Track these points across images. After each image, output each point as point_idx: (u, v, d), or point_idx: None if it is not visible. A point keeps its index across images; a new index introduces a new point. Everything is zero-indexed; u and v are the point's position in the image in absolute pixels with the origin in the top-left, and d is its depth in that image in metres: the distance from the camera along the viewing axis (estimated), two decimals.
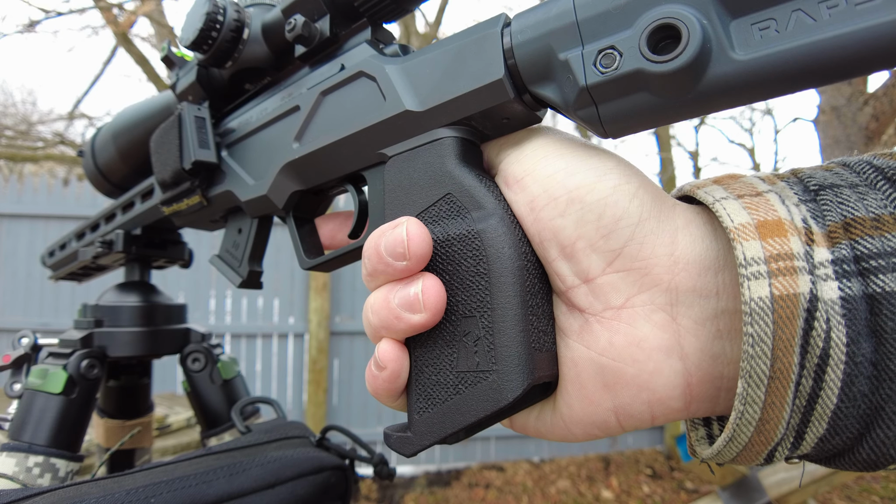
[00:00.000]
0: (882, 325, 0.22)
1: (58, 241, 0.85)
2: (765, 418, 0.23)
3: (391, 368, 0.29)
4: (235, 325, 3.53)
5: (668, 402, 0.26)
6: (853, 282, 0.22)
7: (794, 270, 0.22)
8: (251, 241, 0.51)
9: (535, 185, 0.28)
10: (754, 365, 0.22)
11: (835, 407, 0.23)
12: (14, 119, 7.40)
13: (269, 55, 0.46)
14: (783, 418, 0.23)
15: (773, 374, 0.22)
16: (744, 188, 0.26)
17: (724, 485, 2.13)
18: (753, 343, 0.22)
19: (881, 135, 3.16)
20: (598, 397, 0.27)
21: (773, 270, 0.22)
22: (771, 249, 0.23)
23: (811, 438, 0.24)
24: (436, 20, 5.16)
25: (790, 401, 0.23)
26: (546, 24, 0.27)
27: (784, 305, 0.22)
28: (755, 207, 0.24)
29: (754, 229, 0.23)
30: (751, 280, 0.22)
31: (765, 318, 0.22)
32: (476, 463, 3.71)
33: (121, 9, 4.54)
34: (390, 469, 0.61)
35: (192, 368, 0.71)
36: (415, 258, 0.28)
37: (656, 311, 0.26)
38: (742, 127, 14.02)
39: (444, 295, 0.28)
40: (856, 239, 0.23)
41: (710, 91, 0.23)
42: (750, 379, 0.23)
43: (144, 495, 0.43)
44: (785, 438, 0.24)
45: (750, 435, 0.24)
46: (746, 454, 0.25)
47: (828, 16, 0.21)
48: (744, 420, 0.23)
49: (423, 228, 0.29)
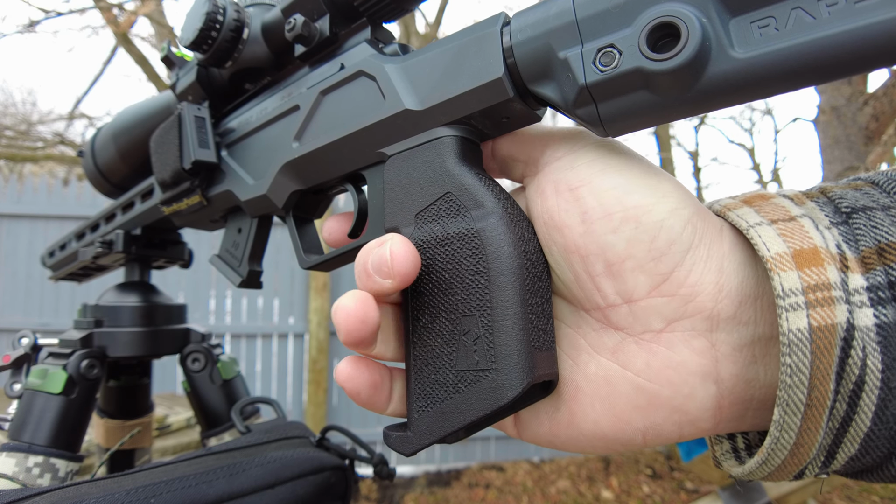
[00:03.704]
0: None
1: (58, 242, 0.85)
2: (799, 442, 0.24)
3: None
4: (235, 325, 3.53)
5: (697, 424, 0.26)
6: (888, 308, 0.22)
7: (832, 301, 0.22)
8: (251, 241, 0.51)
9: (590, 198, 0.27)
10: (792, 394, 0.23)
11: (868, 430, 0.23)
12: (14, 119, 7.41)
13: (268, 55, 0.46)
14: (816, 441, 0.24)
15: (810, 402, 0.23)
16: (776, 212, 0.26)
17: (724, 485, 2.13)
18: (791, 374, 0.22)
19: (881, 135, 3.16)
20: (629, 416, 0.27)
21: (811, 301, 0.22)
22: (808, 280, 0.23)
23: (842, 458, 0.24)
24: (436, 20, 5.16)
25: (824, 425, 0.23)
26: (545, 23, 0.27)
27: (822, 336, 0.22)
28: (790, 234, 0.24)
29: (791, 259, 0.23)
30: (789, 311, 0.22)
31: (803, 350, 0.22)
32: (476, 463, 3.71)
33: (121, 9, 4.54)
34: (390, 469, 0.61)
35: (192, 368, 0.71)
36: (399, 277, 0.28)
37: (696, 337, 0.26)
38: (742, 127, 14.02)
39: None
40: (890, 265, 0.23)
41: (709, 89, 0.23)
42: (787, 407, 0.23)
43: (144, 495, 0.43)
44: (816, 458, 0.24)
45: (784, 458, 0.24)
46: (778, 473, 0.26)
47: (827, 14, 0.21)
48: (779, 445, 0.24)
49: (407, 246, 0.28)
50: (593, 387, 0.28)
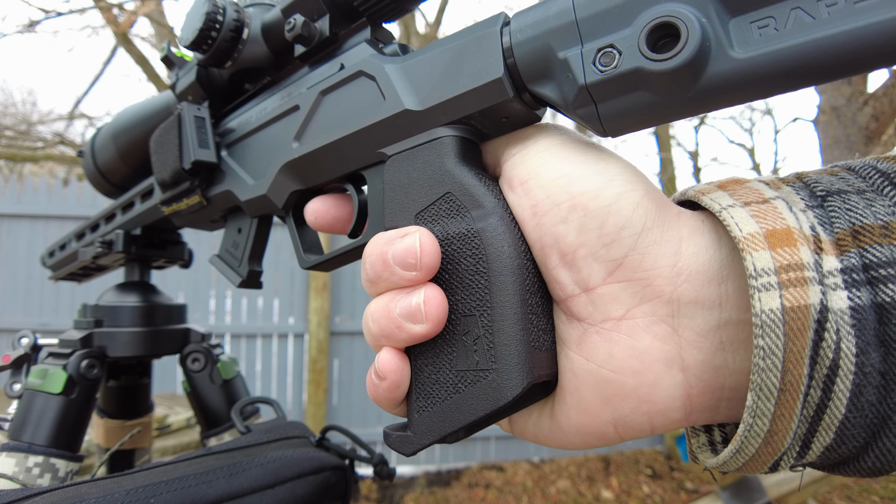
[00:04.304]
0: (891, 334, 0.21)
1: (58, 242, 0.85)
2: (773, 430, 0.23)
3: (391, 379, 0.29)
4: (235, 325, 3.53)
5: (667, 414, 0.26)
6: (862, 291, 0.22)
7: (805, 281, 0.22)
8: (251, 241, 0.51)
9: (538, 190, 0.27)
10: (765, 378, 0.22)
11: (843, 417, 0.22)
12: (14, 119, 7.40)
13: (268, 55, 0.46)
14: (791, 429, 0.23)
15: (783, 387, 0.22)
16: (750, 194, 0.25)
17: (724, 485, 2.13)
18: (764, 356, 0.22)
19: (881, 135, 3.16)
20: (596, 409, 0.27)
21: (784, 282, 0.22)
22: (781, 260, 0.22)
23: (817, 448, 0.24)
24: (436, 20, 5.16)
25: (798, 412, 0.23)
26: (545, 23, 0.27)
27: (795, 317, 0.22)
28: (763, 216, 0.24)
29: (763, 239, 0.23)
30: (761, 292, 0.22)
31: (776, 331, 0.22)
32: (476, 463, 3.71)
33: (121, 9, 4.54)
34: (390, 469, 0.61)
35: (191, 368, 0.71)
36: (426, 269, 0.28)
37: (657, 323, 0.25)
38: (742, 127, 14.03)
39: (445, 305, 0.28)
40: (864, 247, 0.22)
41: (709, 89, 0.23)
42: (760, 392, 0.22)
43: (144, 495, 0.43)
44: (791, 448, 0.24)
45: (758, 446, 0.24)
46: (752, 464, 0.25)
47: (826, 14, 0.21)
48: (752, 432, 0.23)
49: (433, 240, 0.28)
50: (563, 380, 0.28)
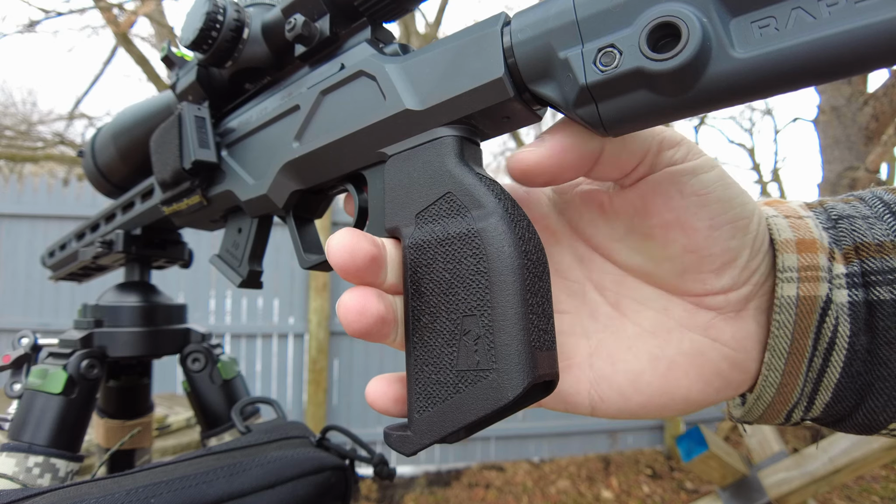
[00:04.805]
0: (876, 323, 0.30)
1: (58, 242, 0.85)
2: (783, 383, 0.31)
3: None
4: (235, 325, 3.53)
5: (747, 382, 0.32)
6: (859, 291, 0.30)
7: (818, 279, 0.30)
8: (251, 241, 0.51)
9: (716, 205, 0.30)
10: (777, 342, 0.30)
11: (837, 381, 0.30)
12: (14, 119, 7.40)
13: (268, 55, 0.46)
14: (798, 385, 0.31)
15: (792, 351, 0.30)
16: (790, 211, 0.33)
17: (724, 485, 2.13)
18: (779, 326, 0.30)
19: (881, 135, 3.16)
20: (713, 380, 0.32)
21: (802, 277, 0.30)
22: (803, 262, 0.30)
23: (819, 404, 0.31)
24: (436, 20, 5.16)
25: (804, 373, 0.31)
26: (546, 23, 0.27)
27: (805, 303, 0.30)
28: (797, 228, 0.31)
29: (794, 245, 0.30)
30: (784, 282, 0.30)
31: (789, 311, 0.30)
32: (476, 463, 3.71)
33: (121, 9, 4.54)
34: (390, 469, 0.61)
35: (192, 368, 0.71)
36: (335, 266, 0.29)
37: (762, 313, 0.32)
38: (742, 127, 14.01)
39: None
40: (863, 259, 0.30)
41: (710, 89, 0.23)
42: (773, 351, 0.31)
43: (144, 495, 0.43)
44: (800, 402, 0.32)
45: (773, 394, 0.31)
46: (770, 413, 0.33)
47: (827, 14, 0.21)
48: (767, 382, 0.31)
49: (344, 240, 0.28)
50: (689, 359, 0.32)
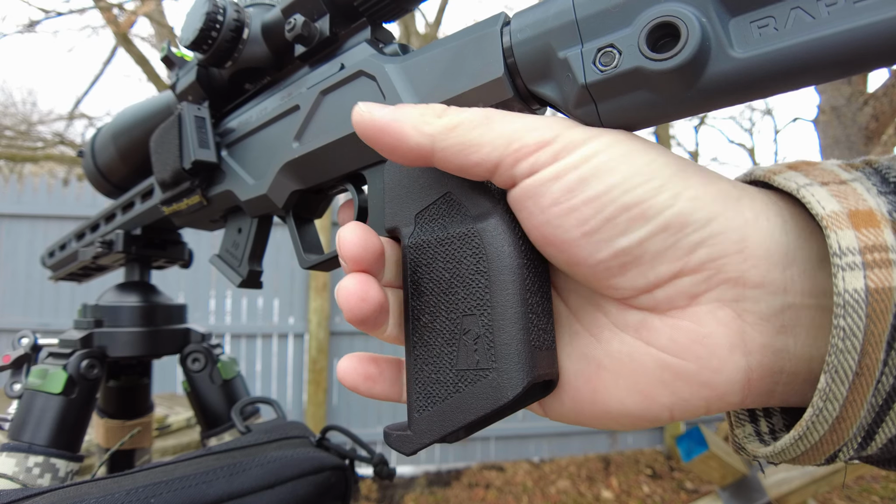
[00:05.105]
0: None
1: (58, 242, 0.85)
2: (842, 416, 0.22)
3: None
4: (235, 325, 3.53)
5: (726, 398, 0.25)
6: None
7: (890, 263, 0.21)
8: (251, 241, 0.51)
9: (586, 208, 0.25)
10: (842, 360, 0.21)
11: None
12: (14, 119, 7.40)
13: (268, 55, 0.46)
14: (859, 416, 0.22)
15: (860, 371, 0.21)
16: (826, 175, 0.25)
17: (724, 485, 2.13)
18: (844, 337, 0.21)
19: (881, 135, 3.17)
20: (655, 393, 0.26)
21: (868, 262, 0.21)
22: (865, 240, 0.22)
23: (881, 439, 0.23)
24: (436, 20, 5.16)
25: (868, 399, 0.22)
26: (545, 23, 0.27)
27: (879, 299, 0.21)
28: (843, 196, 0.23)
29: (847, 218, 0.22)
30: (846, 271, 0.21)
31: (858, 312, 0.21)
32: (476, 463, 3.71)
33: (121, 9, 4.54)
34: (390, 469, 0.61)
35: (192, 368, 0.71)
36: (349, 261, 0.29)
37: (722, 308, 0.25)
38: (742, 127, 14.03)
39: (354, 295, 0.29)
40: None
41: (709, 89, 0.23)
42: (836, 374, 0.22)
43: (144, 495, 0.43)
44: (854, 438, 0.23)
45: (823, 433, 0.23)
46: (811, 453, 0.24)
47: (826, 13, 0.21)
48: (821, 417, 0.23)
49: (356, 233, 0.29)
50: (617, 364, 0.27)
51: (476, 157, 0.27)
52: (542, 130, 0.26)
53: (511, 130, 0.26)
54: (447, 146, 0.27)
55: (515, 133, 0.26)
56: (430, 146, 0.27)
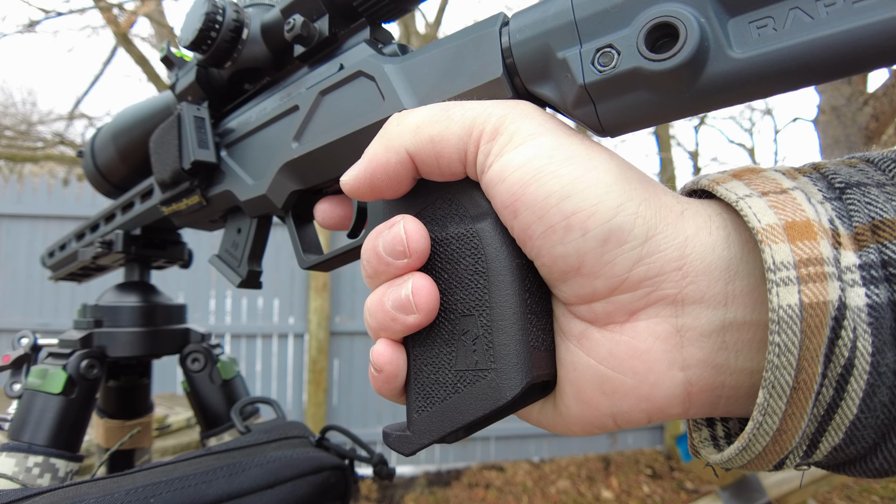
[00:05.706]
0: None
1: (57, 242, 0.85)
2: (782, 428, 0.22)
3: (387, 371, 0.29)
4: (235, 325, 3.53)
5: (666, 410, 0.26)
6: (880, 288, 0.21)
7: (824, 276, 0.21)
8: (250, 241, 0.51)
9: (526, 212, 0.25)
10: (778, 375, 0.21)
11: (854, 417, 0.22)
12: (14, 119, 7.40)
13: (268, 55, 0.46)
14: (800, 428, 0.22)
15: (797, 385, 0.21)
16: (767, 184, 0.24)
17: (724, 485, 2.13)
18: (780, 353, 0.21)
19: (881, 135, 3.17)
20: (595, 402, 0.27)
21: (803, 276, 0.21)
22: (801, 253, 0.21)
23: (825, 447, 0.23)
24: (436, 20, 5.16)
25: (809, 411, 0.22)
26: (544, 23, 0.27)
27: (813, 314, 0.21)
28: (782, 206, 0.23)
29: (783, 231, 0.22)
30: (780, 286, 0.21)
31: (793, 328, 0.21)
32: (476, 463, 3.71)
33: (121, 9, 4.54)
34: (390, 469, 0.61)
35: (191, 368, 0.71)
36: (415, 255, 0.28)
37: (661, 324, 0.25)
38: (742, 127, 14.02)
39: (435, 292, 0.28)
40: (884, 243, 0.21)
41: (708, 89, 0.23)
42: (773, 390, 0.22)
43: (144, 495, 0.43)
44: (798, 447, 0.23)
45: (765, 444, 0.23)
46: (757, 461, 0.25)
47: (825, 14, 0.21)
48: (761, 430, 0.23)
49: (419, 224, 0.29)
50: (563, 371, 0.28)
51: (447, 152, 0.27)
52: (494, 118, 0.27)
53: (472, 117, 0.27)
54: (418, 148, 0.28)
55: (476, 120, 0.27)
56: (409, 158, 0.28)
